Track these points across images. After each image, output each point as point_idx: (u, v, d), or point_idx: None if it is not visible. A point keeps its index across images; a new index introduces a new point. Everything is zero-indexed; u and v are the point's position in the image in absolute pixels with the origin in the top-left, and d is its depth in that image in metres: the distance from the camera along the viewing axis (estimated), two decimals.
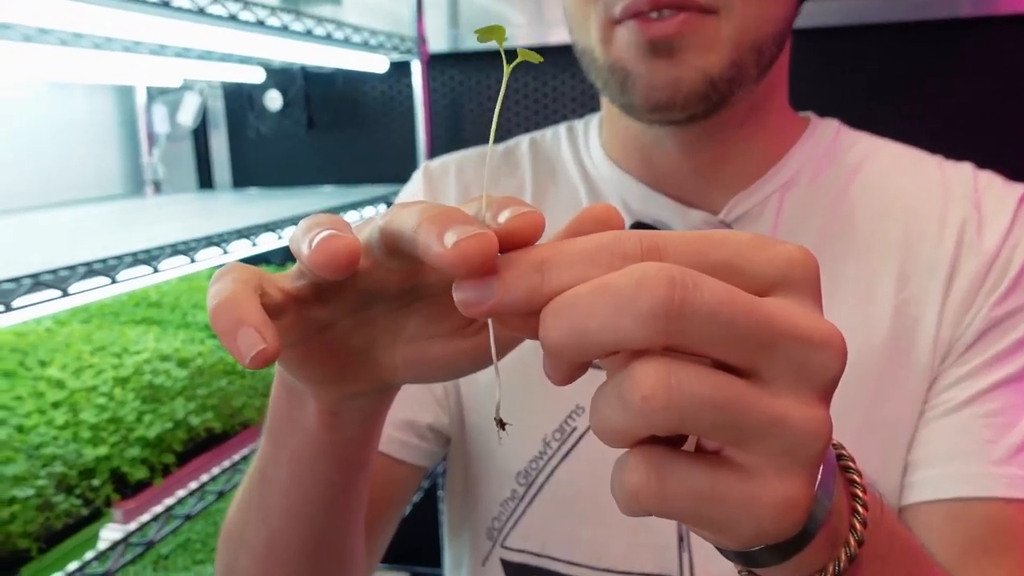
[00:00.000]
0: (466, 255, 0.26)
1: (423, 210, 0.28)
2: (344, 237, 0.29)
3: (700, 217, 0.62)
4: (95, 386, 0.94)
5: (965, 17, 1.47)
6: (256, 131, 1.85)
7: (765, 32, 0.56)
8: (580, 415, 0.61)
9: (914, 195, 0.63)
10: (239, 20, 1.08)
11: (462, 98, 1.76)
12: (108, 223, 1.29)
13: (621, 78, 0.56)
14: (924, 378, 0.59)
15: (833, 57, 1.51)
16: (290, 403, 0.40)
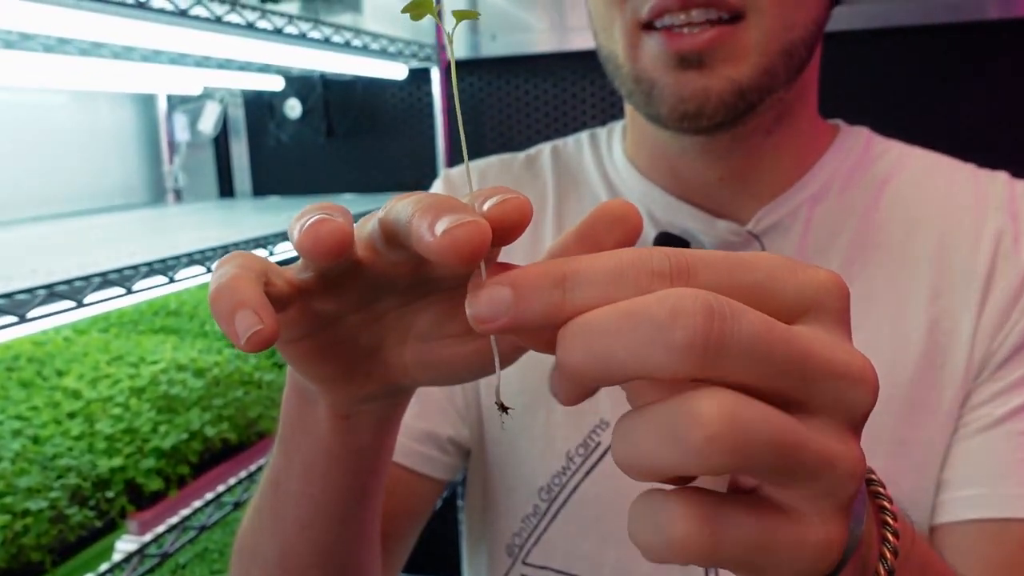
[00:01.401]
0: (456, 243, 0.24)
1: (417, 200, 0.27)
2: (332, 221, 0.28)
3: (727, 227, 0.60)
4: (111, 396, 0.94)
5: (993, 19, 1.44)
6: (276, 139, 1.86)
7: (795, 37, 0.54)
8: (604, 430, 0.59)
9: (947, 206, 0.61)
10: (258, 29, 1.08)
11: (482, 105, 1.76)
12: (127, 232, 1.29)
13: (647, 88, 0.55)
14: (958, 395, 0.57)
15: (858, 61, 1.49)
16: (302, 407, 0.39)
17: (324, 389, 0.37)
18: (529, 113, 1.73)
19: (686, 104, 0.53)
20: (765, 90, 0.54)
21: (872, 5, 1.47)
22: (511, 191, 0.27)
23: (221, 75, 1.56)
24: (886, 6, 1.48)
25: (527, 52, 1.70)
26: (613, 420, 0.59)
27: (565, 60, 1.70)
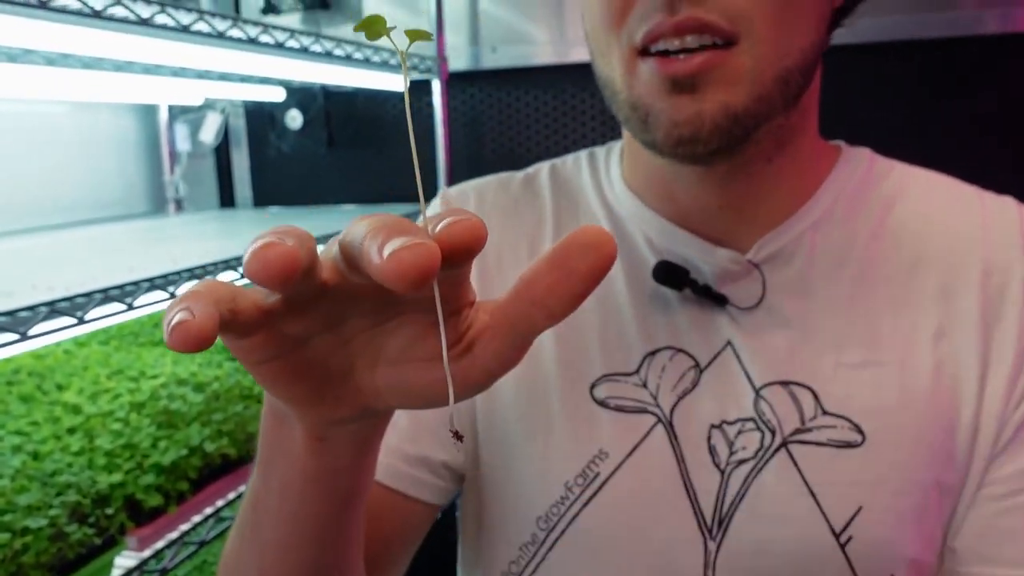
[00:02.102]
0: (402, 266, 0.24)
1: (371, 222, 0.27)
2: (280, 246, 0.27)
3: (728, 256, 0.60)
4: (111, 411, 0.94)
5: (991, 34, 1.45)
6: (277, 149, 1.86)
7: (790, 63, 0.54)
8: (604, 460, 0.58)
9: (953, 239, 0.60)
10: (260, 43, 1.08)
11: (482, 116, 1.76)
12: (128, 244, 1.29)
13: (643, 115, 0.55)
14: (966, 441, 0.56)
15: (854, 76, 1.49)
16: (278, 428, 0.39)
17: (297, 411, 0.36)
18: (529, 125, 1.74)
19: (680, 129, 0.53)
20: (761, 116, 0.54)
21: (867, 19, 1.47)
22: (464, 212, 0.27)
23: (223, 87, 1.57)
24: (882, 20, 1.48)
25: (527, 64, 1.71)
26: (613, 451, 0.59)
27: (564, 72, 1.70)
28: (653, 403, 0.59)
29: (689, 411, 0.58)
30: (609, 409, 0.59)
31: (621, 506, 0.57)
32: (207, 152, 1.90)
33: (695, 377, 0.59)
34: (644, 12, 0.53)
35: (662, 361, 0.59)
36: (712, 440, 0.57)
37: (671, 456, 0.58)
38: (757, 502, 0.55)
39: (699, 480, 0.57)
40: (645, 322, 0.61)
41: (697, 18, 0.51)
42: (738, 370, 0.58)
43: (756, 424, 0.57)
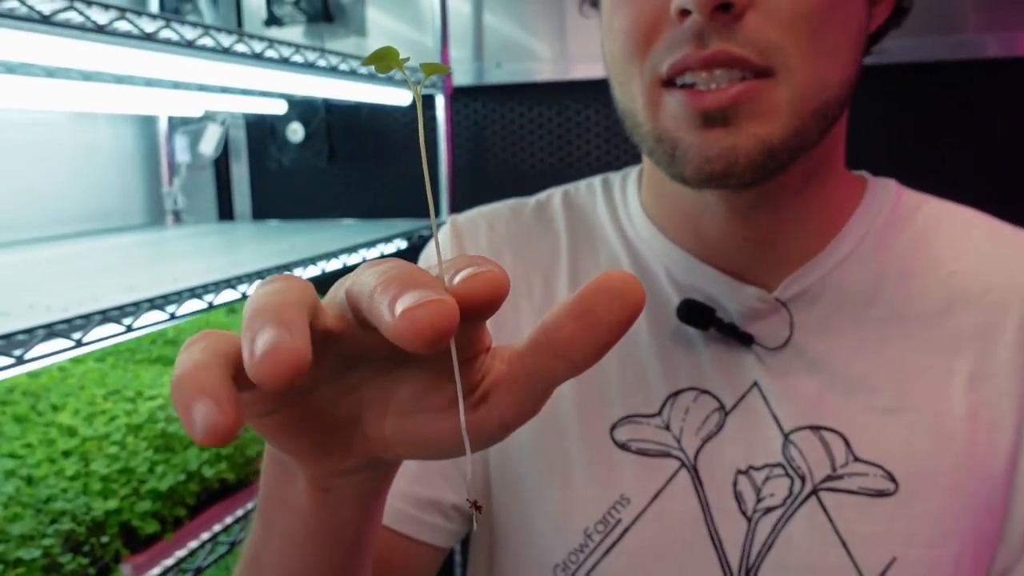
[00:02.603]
0: (417, 326, 0.23)
1: (381, 271, 0.25)
2: (284, 351, 0.24)
3: (755, 294, 0.57)
4: (107, 434, 0.92)
5: (992, 58, 1.44)
6: (277, 162, 1.84)
7: (829, 96, 0.51)
8: (625, 506, 0.56)
9: (989, 278, 0.58)
10: (264, 58, 1.07)
11: (485, 131, 1.75)
12: (127, 258, 1.27)
13: (670, 148, 0.52)
14: (1003, 491, 0.54)
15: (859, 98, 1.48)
16: (280, 479, 0.36)
17: (301, 462, 0.34)
18: (533, 141, 1.72)
19: (712, 164, 0.50)
20: (796, 150, 0.52)
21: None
22: (486, 262, 0.25)
23: (224, 99, 1.55)
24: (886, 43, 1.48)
25: (531, 80, 1.70)
26: (635, 496, 0.56)
27: (568, 89, 1.69)
28: (676, 446, 0.57)
29: (714, 455, 0.56)
30: (630, 452, 0.57)
31: (644, 555, 0.55)
32: (206, 164, 1.88)
33: (720, 420, 0.57)
34: (671, 43, 0.50)
35: (685, 403, 0.57)
36: (738, 486, 0.55)
37: (695, 502, 0.55)
38: (786, 552, 0.53)
39: (725, 528, 0.55)
40: (667, 361, 0.59)
41: (728, 52, 0.49)
42: (765, 413, 0.56)
43: (785, 470, 0.55)
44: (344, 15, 1.76)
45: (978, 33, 1.45)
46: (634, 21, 0.52)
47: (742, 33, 0.49)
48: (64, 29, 0.78)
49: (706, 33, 0.49)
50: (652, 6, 0.51)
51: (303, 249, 1.27)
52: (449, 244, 0.68)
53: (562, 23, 1.67)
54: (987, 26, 1.44)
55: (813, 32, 0.49)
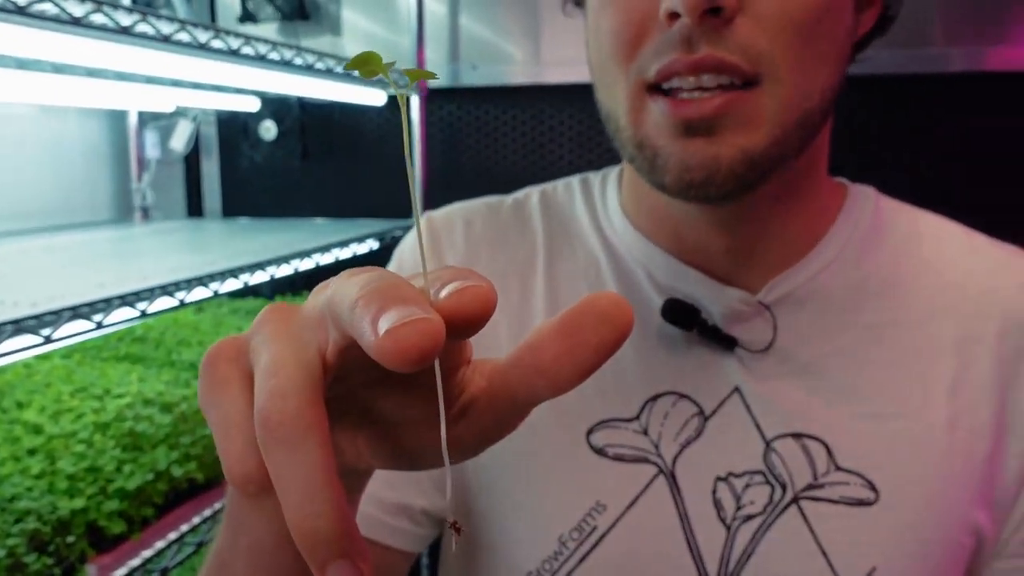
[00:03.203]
0: (401, 346, 0.22)
1: (362, 285, 0.24)
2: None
3: (738, 296, 0.57)
4: (74, 432, 0.91)
5: (956, 72, 1.48)
6: (249, 160, 1.83)
7: (813, 106, 0.51)
8: (601, 512, 0.55)
9: (969, 288, 0.58)
10: (241, 55, 1.06)
11: (459, 133, 1.75)
12: (96, 254, 1.25)
13: (651, 156, 0.51)
14: (982, 502, 0.55)
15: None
16: None
17: None
18: (507, 144, 1.73)
19: (692, 174, 0.50)
20: (778, 160, 0.51)
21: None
22: (472, 275, 0.25)
23: (197, 95, 1.53)
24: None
25: (506, 83, 1.70)
26: (611, 503, 0.55)
27: (542, 93, 1.70)
28: (654, 452, 0.56)
29: (693, 461, 0.56)
30: (607, 458, 0.56)
31: (619, 563, 0.54)
32: (176, 160, 1.86)
33: (699, 425, 0.56)
34: (659, 47, 0.49)
35: (664, 407, 0.57)
36: (718, 493, 0.55)
37: (673, 510, 0.55)
38: (765, 561, 0.53)
39: (703, 536, 0.54)
40: (647, 364, 0.58)
41: (717, 57, 0.48)
42: (747, 419, 0.56)
43: (766, 478, 0.55)
44: (319, 13, 1.75)
45: (944, 47, 1.48)
46: (622, 23, 0.51)
47: (732, 39, 0.48)
48: (40, 21, 0.77)
49: (695, 38, 0.48)
50: (640, 8, 0.50)
51: (276, 247, 1.26)
52: (425, 241, 0.66)
53: (537, 27, 1.67)
54: (952, 40, 1.47)
55: (803, 39, 0.49)
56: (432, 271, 0.26)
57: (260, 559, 0.38)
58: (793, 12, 0.48)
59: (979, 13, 1.46)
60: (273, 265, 1.16)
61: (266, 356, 0.27)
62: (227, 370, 0.28)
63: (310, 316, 0.28)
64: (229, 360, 0.29)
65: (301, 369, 0.26)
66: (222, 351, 0.29)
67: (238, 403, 0.27)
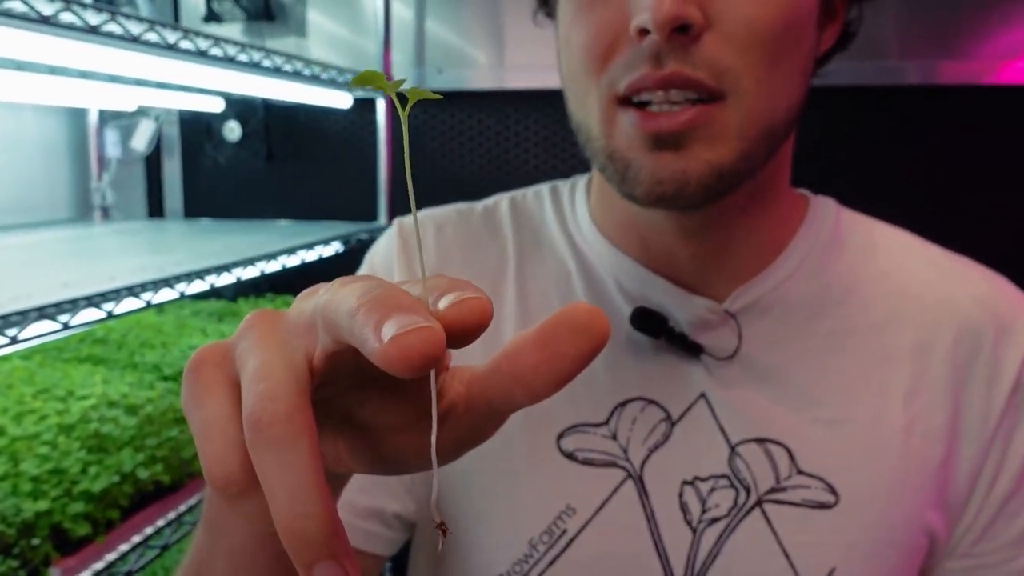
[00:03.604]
0: (406, 352, 0.23)
1: (362, 293, 0.25)
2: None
3: (704, 305, 0.59)
4: (37, 433, 0.90)
5: (911, 85, 1.53)
6: (213, 160, 1.81)
7: (777, 120, 0.53)
8: (571, 516, 0.56)
9: (925, 298, 0.60)
10: (209, 56, 1.05)
11: (425, 137, 1.75)
12: (58, 254, 1.23)
13: (622, 168, 0.53)
14: (930, 501, 0.57)
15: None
16: None
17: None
18: (472, 148, 1.74)
19: (663, 186, 0.51)
20: (745, 173, 0.53)
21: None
22: (469, 286, 0.26)
23: (161, 95, 1.52)
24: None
25: (472, 88, 1.71)
26: (580, 507, 0.57)
27: (508, 98, 1.71)
28: (623, 456, 0.57)
29: (660, 465, 0.57)
30: (577, 462, 0.58)
31: (588, 565, 0.56)
32: (137, 159, 1.84)
33: (666, 430, 0.58)
34: (629, 61, 0.51)
35: (633, 412, 0.58)
36: (684, 497, 0.56)
37: (641, 513, 0.56)
38: (730, 562, 0.55)
39: (670, 539, 0.56)
40: (616, 371, 0.59)
41: (683, 74, 0.49)
42: (712, 424, 0.58)
43: (730, 481, 0.56)
44: (285, 14, 1.75)
45: (900, 60, 1.52)
46: (593, 36, 0.52)
47: (698, 55, 0.49)
48: (9, 19, 0.76)
49: (663, 53, 0.49)
50: (611, 23, 0.51)
51: (241, 249, 1.26)
52: (395, 246, 0.67)
53: (502, 34, 1.69)
54: (907, 53, 1.52)
55: (768, 56, 0.50)
56: (429, 279, 0.27)
57: (239, 560, 0.38)
58: (758, 30, 0.50)
59: (933, 29, 1.51)
60: (239, 267, 1.16)
61: (254, 361, 0.27)
62: (211, 374, 0.29)
63: (297, 322, 0.29)
64: (214, 365, 0.29)
65: (289, 373, 0.27)
66: (207, 356, 0.29)
67: (221, 406, 0.28)
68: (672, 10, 0.47)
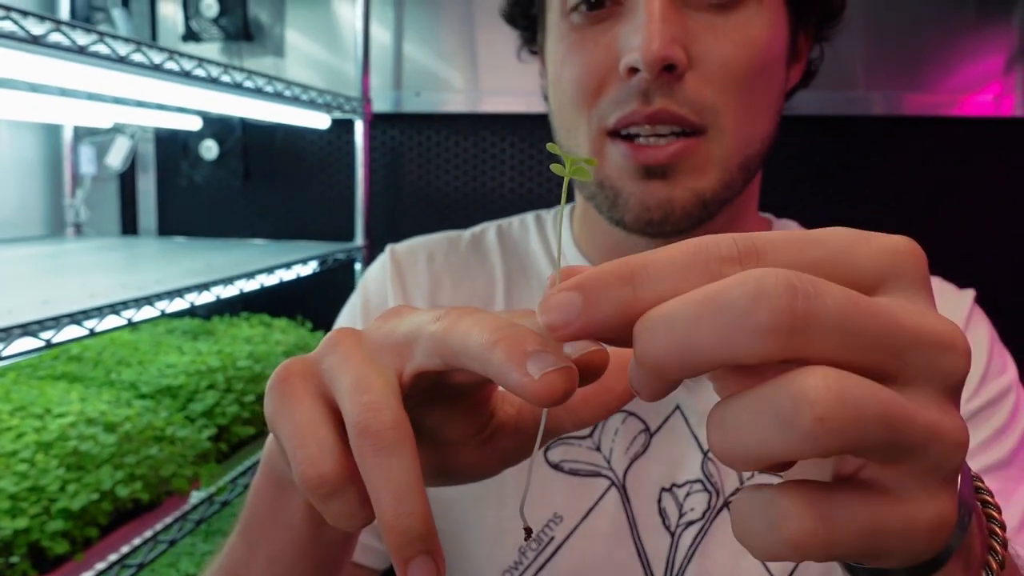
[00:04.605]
0: (552, 388, 0.25)
1: (494, 328, 0.27)
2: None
3: None
4: (15, 451, 0.89)
5: (877, 115, 1.58)
6: (189, 179, 1.81)
7: (752, 151, 0.57)
8: (558, 524, 0.59)
9: None
10: (192, 76, 1.06)
11: (402, 158, 1.77)
12: (35, 271, 1.23)
13: (612, 195, 0.56)
14: None
15: None
16: (276, 498, 0.38)
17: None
18: (448, 170, 1.76)
19: (651, 213, 0.55)
20: (725, 200, 0.57)
21: None
22: (595, 344, 0.27)
23: (138, 112, 1.52)
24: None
25: (448, 111, 1.73)
26: (567, 514, 0.59)
27: (484, 121, 1.74)
28: (607, 466, 0.60)
29: (641, 474, 0.60)
30: (563, 473, 0.60)
31: (575, 570, 0.58)
32: (112, 177, 1.84)
33: (646, 440, 0.61)
34: (618, 97, 0.55)
35: (615, 425, 0.61)
36: (662, 503, 0.59)
37: (624, 520, 0.59)
38: (705, 562, 0.58)
39: (650, 543, 0.59)
40: None
41: (669, 111, 0.53)
42: (687, 433, 0.61)
43: (704, 485, 0.59)
44: (263, 35, 1.76)
45: (866, 91, 1.57)
46: (584, 74, 0.56)
47: (682, 93, 0.54)
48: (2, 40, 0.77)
49: (651, 91, 0.53)
50: (601, 61, 0.55)
51: (220, 267, 1.26)
52: (389, 273, 0.70)
53: (472, 57, 1.71)
54: (873, 85, 1.57)
55: (743, 93, 0.55)
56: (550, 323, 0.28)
57: (280, 567, 0.40)
58: (734, 71, 0.54)
59: (899, 62, 1.56)
60: (218, 285, 1.16)
61: (351, 375, 0.30)
62: (300, 385, 0.31)
63: (384, 342, 0.31)
64: (301, 377, 0.31)
65: (387, 386, 0.29)
66: (294, 369, 0.32)
67: (312, 414, 0.30)
68: (661, 51, 0.51)
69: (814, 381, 0.22)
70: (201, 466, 1.07)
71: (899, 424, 0.22)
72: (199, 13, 1.71)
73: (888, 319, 0.23)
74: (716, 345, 0.22)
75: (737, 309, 0.22)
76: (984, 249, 1.57)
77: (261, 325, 1.58)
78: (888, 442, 0.22)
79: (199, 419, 1.13)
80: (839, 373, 0.22)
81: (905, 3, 1.56)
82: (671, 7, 0.53)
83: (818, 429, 0.21)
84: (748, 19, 0.55)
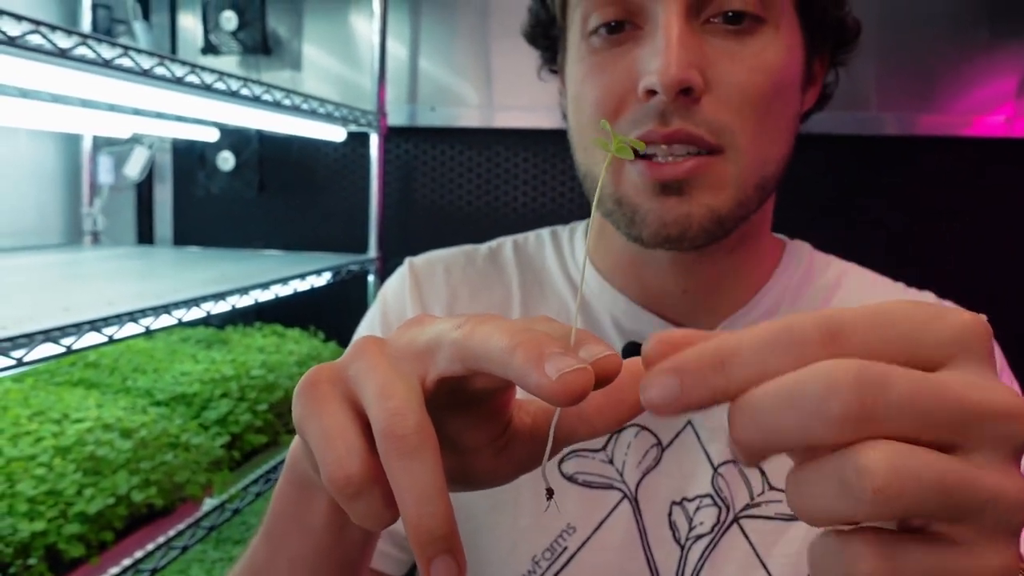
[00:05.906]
0: (569, 388, 0.27)
1: (513, 333, 0.29)
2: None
3: None
4: (34, 455, 0.91)
5: (890, 135, 1.59)
6: (205, 189, 1.83)
7: (768, 172, 0.58)
8: (571, 534, 0.60)
9: None
10: (213, 90, 1.08)
11: (416, 171, 1.79)
12: (55, 279, 1.25)
13: (630, 212, 0.57)
14: None
15: None
16: (299, 500, 0.40)
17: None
18: (461, 184, 1.77)
19: (668, 229, 0.56)
20: (740, 218, 0.57)
21: None
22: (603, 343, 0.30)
23: (157, 123, 1.54)
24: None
25: (463, 125, 1.75)
26: (580, 525, 0.60)
27: (498, 135, 1.75)
28: (619, 479, 0.61)
29: (652, 487, 0.61)
30: (577, 484, 0.61)
31: None
32: (129, 186, 1.86)
33: (657, 455, 0.62)
34: (636, 118, 0.55)
35: (627, 438, 0.62)
36: (673, 516, 0.60)
37: (635, 532, 0.60)
38: (714, 574, 0.58)
39: (660, 555, 0.59)
40: None
41: (687, 131, 0.54)
42: (698, 448, 0.62)
43: (713, 500, 0.60)
44: (281, 49, 1.79)
45: (879, 111, 1.58)
46: (603, 95, 0.57)
47: (699, 115, 0.54)
48: (28, 52, 0.79)
49: (668, 112, 0.54)
50: (620, 82, 0.56)
51: (235, 277, 1.28)
52: (408, 285, 0.71)
53: (487, 72, 1.73)
54: (885, 105, 1.58)
55: (759, 116, 0.56)
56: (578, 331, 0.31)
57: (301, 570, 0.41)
58: (751, 94, 0.55)
59: (912, 83, 1.58)
60: (234, 295, 1.18)
61: (376, 381, 0.31)
62: (328, 390, 0.32)
63: (407, 349, 0.32)
64: (329, 382, 0.32)
65: (411, 392, 0.30)
66: (321, 375, 0.33)
67: (340, 417, 0.31)
68: (678, 75, 0.53)
69: (875, 455, 0.25)
70: (214, 473, 1.08)
71: (957, 490, 0.25)
72: (218, 27, 1.73)
73: (953, 397, 0.26)
74: (796, 431, 0.25)
75: (812, 401, 0.25)
76: (997, 269, 1.58)
77: (274, 335, 1.59)
78: (946, 505, 0.25)
79: (213, 427, 1.15)
80: (897, 447, 0.25)
81: (918, 24, 1.57)
82: (689, 32, 0.54)
83: (878, 498, 0.24)
84: (764, 45, 0.56)
